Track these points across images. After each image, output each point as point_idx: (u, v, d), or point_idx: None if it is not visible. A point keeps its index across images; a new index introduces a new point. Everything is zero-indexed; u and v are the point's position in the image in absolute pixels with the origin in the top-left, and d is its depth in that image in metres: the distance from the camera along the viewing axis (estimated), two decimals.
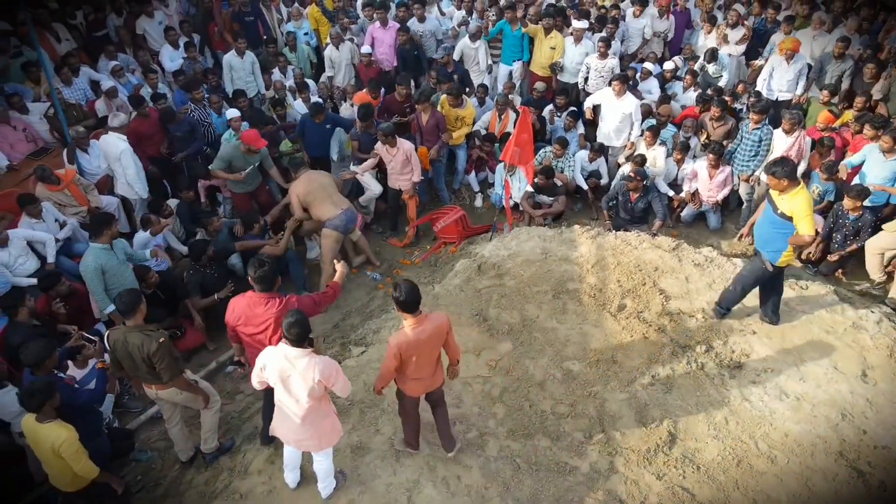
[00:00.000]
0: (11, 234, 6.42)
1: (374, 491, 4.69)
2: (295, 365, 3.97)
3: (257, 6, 10.04)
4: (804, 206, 5.03)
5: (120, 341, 4.54)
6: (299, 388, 4.02)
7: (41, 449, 4.23)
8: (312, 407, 4.09)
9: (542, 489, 4.72)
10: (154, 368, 4.54)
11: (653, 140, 7.78)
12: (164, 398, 4.86)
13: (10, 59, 8.79)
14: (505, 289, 6.31)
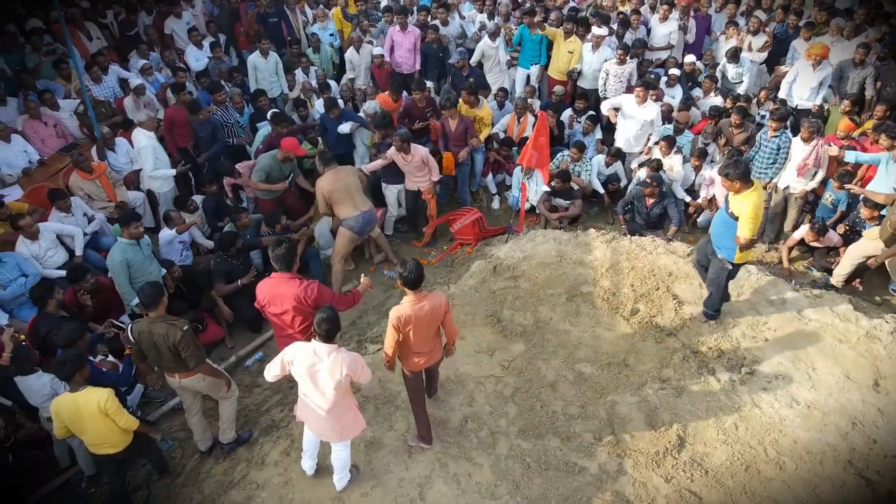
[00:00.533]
0: (42, 227, 6.64)
1: (387, 485, 4.81)
2: (323, 360, 4.15)
3: (282, 8, 10.21)
4: (750, 209, 5.16)
5: (145, 332, 4.71)
6: (326, 382, 4.19)
7: (86, 415, 4.45)
8: (338, 400, 4.26)
9: (551, 488, 4.80)
10: (179, 357, 4.71)
11: (668, 150, 7.82)
12: (186, 387, 5.02)
13: (43, 57, 9.06)
14: (519, 290, 6.40)
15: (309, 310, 4.72)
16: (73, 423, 4.51)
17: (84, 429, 4.53)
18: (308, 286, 4.69)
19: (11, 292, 6.23)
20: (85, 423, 4.48)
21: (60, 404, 4.50)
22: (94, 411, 4.43)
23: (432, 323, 4.57)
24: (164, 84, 9.22)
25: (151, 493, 5.32)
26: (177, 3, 10.06)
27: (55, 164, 7.92)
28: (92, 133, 8.26)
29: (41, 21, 9.62)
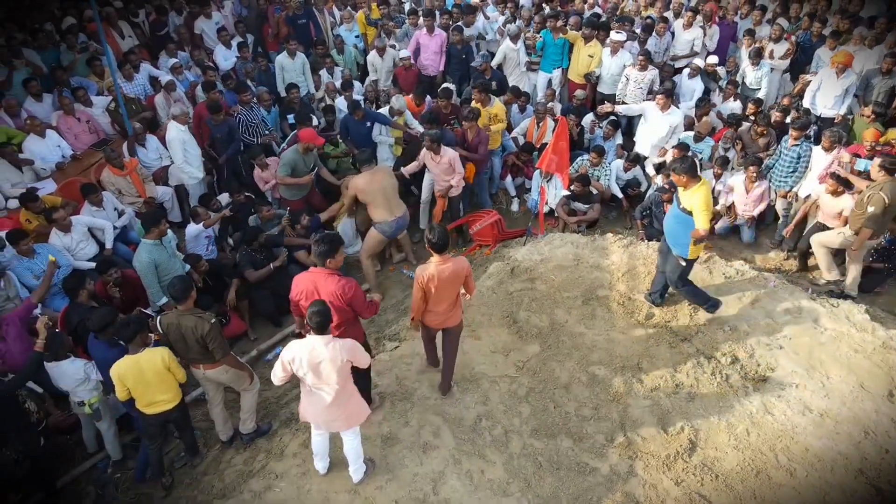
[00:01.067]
0: (74, 220, 6.87)
1: (401, 479, 4.93)
2: (322, 351, 4.28)
3: (310, 9, 10.40)
4: (701, 202, 5.36)
5: (173, 324, 4.89)
6: (329, 372, 4.32)
7: (150, 373, 4.79)
8: (342, 387, 4.40)
9: (562, 487, 4.89)
10: (205, 349, 4.90)
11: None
12: (211, 378, 5.20)
13: (77, 54, 9.34)
14: (536, 292, 6.49)
15: (344, 307, 4.77)
16: (136, 384, 4.79)
17: (147, 388, 4.82)
18: (346, 284, 4.75)
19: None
20: (149, 381, 4.80)
21: (123, 367, 4.77)
22: (158, 368, 4.79)
23: (453, 283, 4.95)
24: (194, 83, 9.44)
25: (175, 479, 5.50)
26: (207, 4, 10.30)
27: (87, 159, 8.17)
28: (123, 129, 8.50)
29: (75, 19, 9.92)
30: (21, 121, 8.11)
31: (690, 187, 5.48)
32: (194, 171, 8.17)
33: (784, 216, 7.76)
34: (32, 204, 6.86)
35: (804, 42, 9.28)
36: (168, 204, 8.21)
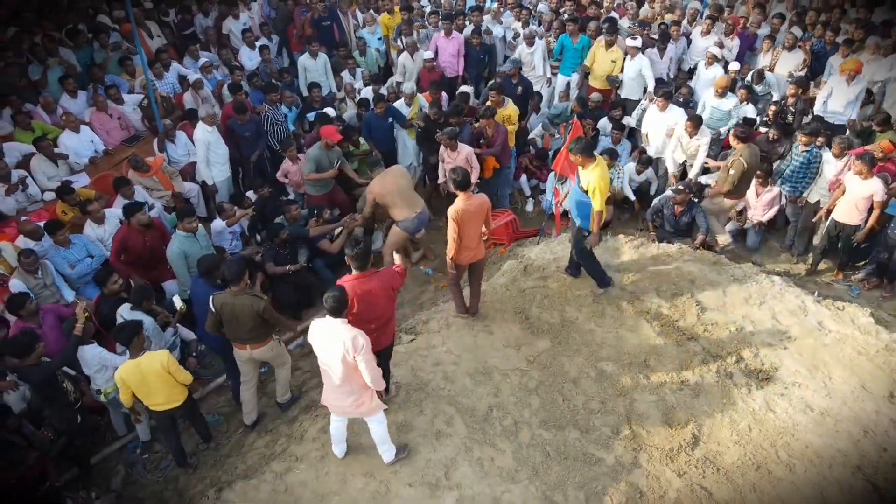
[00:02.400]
0: (107, 213, 7.20)
1: (415, 465, 5.17)
2: (332, 333, 4.50)
3: (335, 11, 10.68)
4: (596, 179, 5.78)
5: (227, 304, 5.22)
6: (337, 354, 4.51)
7: (151, 377, 5.04)
8: (349, 372, 4.58)
9: (568, 476, 5.11)
10: (257, 328, 5.31)
11: (694, 130, 8.01)
12: (256, 357, 5.57)
13: (109, 53, 9.68)
14: (548, 290, 6.70)
15: (394, 295, 5.12)
16: (139, 387, 5.05)
17: (149, 390, 5.08)
18: (391, 274, 5.07)
19: (79, 271, 6.80)
20: (150, 384, 5.04)
21: (125, 371, 5.02)
22: (158, 371, 5.01)
23: (479, 217, 5.73)
24: (221, 82, 9.75)
25: (200, 461, 5.80)
26: (235, 5, 10.62)
27: (119, 154, 8.51)
28: (153, 126, 8.82)
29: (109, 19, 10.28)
30: (57, 117, 8.48)
31: (587, 167, 5.87)
32: (216, 172, 8.45)
33: (794, 221, 7.90)
34: (68, 196, 7.19)
35: (818, 50, 9.39)
36: (194, 199, 8.52)
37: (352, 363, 4.52)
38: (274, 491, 5.10)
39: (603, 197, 5.88)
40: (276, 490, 5.11)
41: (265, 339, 5.46)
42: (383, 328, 5.10)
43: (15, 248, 6.63)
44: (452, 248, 5.83)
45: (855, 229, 7.14)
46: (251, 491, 5.13)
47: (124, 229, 6.83)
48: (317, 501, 4.98)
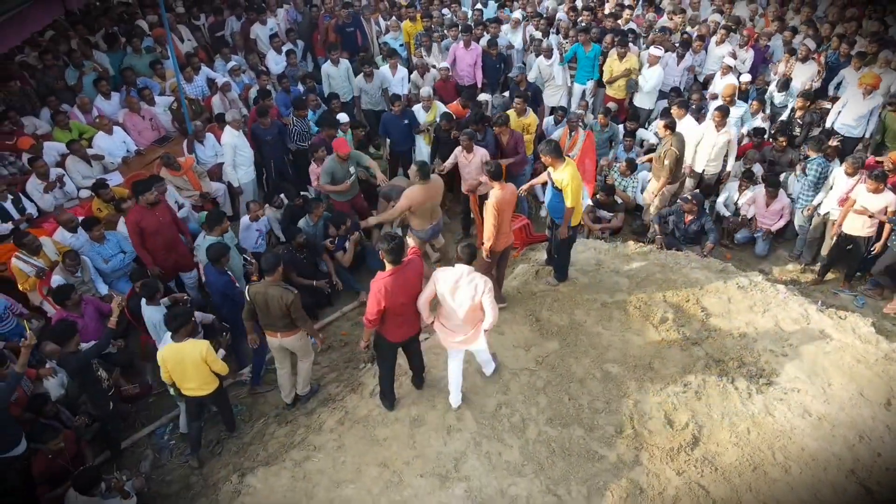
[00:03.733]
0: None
1: (427, 457, 5.46)
2: (462, 278, 5.14)
3: (358, 18, 11.01)
4: (567, 177, 6.14)
5: (260, 293, 5.57)
6: (465, 295, 5.13)
7: (189, 362, 5.39)
8: (474, 310, 5.23)
9: (572, 472, 5.35)
10: (286, 317, 5.61)
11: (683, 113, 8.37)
12: (285, 345, 5.94)
13: (141, 57, 10.09)
14: (558, 293, 6.95)
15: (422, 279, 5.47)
16: (174, 368, 5.42)
17: (184, 374, 5.44)
18: (416, 261, 5.42)
19: (112, 266, 7.19)
20: (186, 369, 5.40)
21: (167, 353, 5.40)
22: (196, 359, 5.37)
23: (512, 204, 6.21)
24: (248, 85, 10.12)
25: (224, 447, 6.14)
26: (263, 11, 10.99)
27: (150, 154, 8.91)
28: (182, 127, 9.20)
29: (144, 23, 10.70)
30: (91, 117, 8.89)
31: (558, 167, 6.21)
32: (241, 173, 8.76)
33: (802, 232, 8.06)
34: (103, 191, 7.58)
35: (832, 62, 9.54)
36: (221, 199, 8.89)
37: (477, 303, 5.17)
38: (293, 477, 5.42)
39: (575, 195, 6.21)
40: (294, 477, 5.43)
41: (295, 329, 5.80)
42: (417, 314, 5.48)
43: (55, 244, 7.01)
44: (491, 237, 6.11)
45: (867, 240, 7.30)
46: (272, 477, 5.45)
47: (135, 211, 7.00)
48: (333, 488, 5.29)
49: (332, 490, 5.27)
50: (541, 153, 6.34)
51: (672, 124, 7.67)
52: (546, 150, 6.25)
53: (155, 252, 7.02)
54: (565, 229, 6.48)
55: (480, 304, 5.19)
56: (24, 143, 7.97)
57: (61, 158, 8.24)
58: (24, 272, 6.80)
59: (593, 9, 11.08)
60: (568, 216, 6.37)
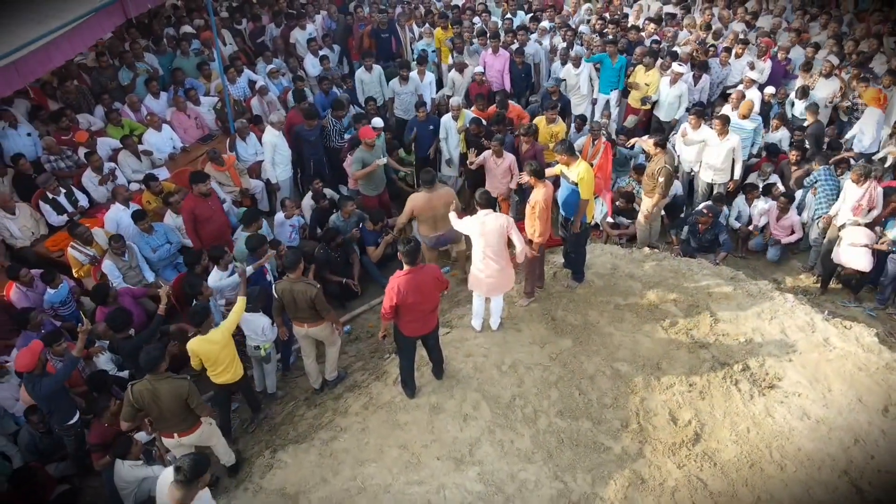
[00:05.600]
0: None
1: (443, 441, 5.88)
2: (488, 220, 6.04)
3: (393, 25, 11.49)
4: (582, 172, 6.58)
5: (287, 290, 6.04)
6: (492, 229, 5.98)
7: (220, 349, 5.80)
8: (502, 246, 6.12)
9: (579, 461, 5.73)
10: (312, 309, 6.05)
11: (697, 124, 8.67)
12: (311, 335, 6.39)
13: (187, 59, 10.69)
14: (573, 295, 7.32)
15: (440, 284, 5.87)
16: (207, 357, 5.84)
17: (217, 360, 5.87)
18: (434, 267, 6.00)
19: (159, 255, 7.76)
20: (218, 355, 5.82)
21: (196, 344, 5.82)
22: (227, 343, 5.82)
23: (550, 201, 6.53)
24: (286, 88, 10.65)
25: (258, 426, 6.65)
26: (302, 17, 11.53)
27: (194, 151, 9.49)
28: (225, 126, 9.76)
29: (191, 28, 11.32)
30: (141, 115, 9.50)
31: (572, 164, 6.67)
32: (279, 171, 9.26)
33: (815, 245, 8.29)
34: (153, 184, 8.17)
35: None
36: (259, 195, 9.43)
37: (505, 237, 6.11)
38: (320, 455, 5.88)
39: (589, 187, 6.64)
40: (322, 454, 5.89)
41: (320, 320, 6.26)
42: (433, 312, 5.95)
43: (107, 234, 7.60)
44: (542, 232, 6.60)
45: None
46: (301, 453, 5.93)
47: (190, 199, 7.61)
48: (356, 466, 5.74)
49: (356, 468, 5.72)
50: (556, 153, 6.82)
51: (662, 142, 7.88)
52: (561, 150, 6.74)
53: (205, 238, 7.56)
54: (578, 223, 6.87)
55: (508, 237, 6.07)
56: (80, 137, 8.60)
57: (113, 153, 8.85)
58: (79, 260, 7.39)
59: (618, 21, 11.38)
60: (582, 209, 6.77)
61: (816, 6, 11.71)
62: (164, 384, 5.15)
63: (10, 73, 5.86)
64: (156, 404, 5.16)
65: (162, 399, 5.14)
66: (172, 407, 5.18)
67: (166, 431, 5.42)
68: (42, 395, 5.66)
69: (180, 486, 3.92)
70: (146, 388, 5.14)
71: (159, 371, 5.17)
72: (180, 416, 5.28)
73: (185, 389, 5.22)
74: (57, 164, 8.40)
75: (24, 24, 6.39)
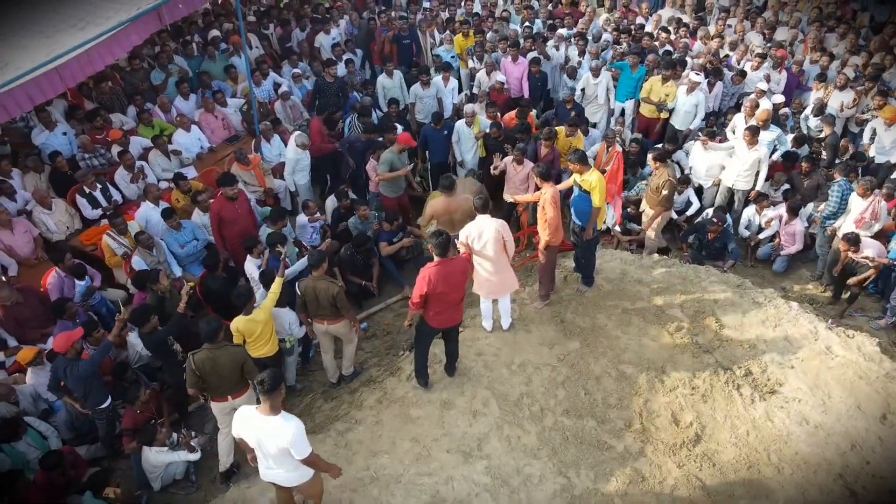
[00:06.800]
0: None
1: (453, 436, 6.15)
2: (485, 223, 6.22)
3: (415, 30, 11.79)
4: (595, 180, 6.83)
5: (310, 287, 6.37)
6: (492, 237, 6.14)
7: (262, 325, 6.27)
8: (499, 250, 6.26)
9: (582, 458, 5.98)
10: (333, 307, 6.37)
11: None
12: (331, 331, 6.70)
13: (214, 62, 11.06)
14: (583, 298, 7.55)
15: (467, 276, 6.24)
16: (250, 333, 6.29)
17: (260, 335, 6.32)
18: (463, 259, 6.27)
19: (186, 251, 8.12)
20: (261, 331, 6.30)
21: (241, 323, 6.27)
22: (268, 320, 6.32)
23: (558, 200, 6.78)
24: (309, 91, 10.98)
25: None
26: (327, 22, 11.87)
27: (221, 151, 9.85)
28: (251, 128, 10.12)
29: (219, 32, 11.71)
30: (171, 116, 9.88)
31: (585, 173, 6.91)
32: (297, 177, 9.56)
33: (822, 254, 8.45)
34: (182, 182, 8.54)
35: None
36: (282, 195, 9.77)
37: (501, 241, 6.24)
38: (336, 445, 6.19)
39: (602, 195, 6.89)
40: (337, 444, 6.19)
41: (340, 317, 6.56)
42: (459, 305, 6.19)
43: (140, 227, 7.97)
44: (554, 233, 6.80)
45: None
46: (318, 443, 6.21)
47: (217, 200, 7.96)
48: (370, 457, 6.03)
49: (370, 458, 6.01)
50: (569, 162, 7.04)
51: (661, 156, 8.01)
52: (574, 159, 6.97)
53: (229, 239, 7.91)
54: (591, 230, 7.11)
55: (503, 239, 6.23)
56: (115, 135, 9.01)
57: (144, 152, 9.24)
58: (112, 248, 7.78)
59: (631, 30, 11.59)
60: (594, 216, 7.00)
61: (833, 19, 11.78)
62: (222, 352, 5.71)
63: (54, 77, 6.24)
64: (215, 371, 5.69)
65: (221, 366, 5.69)
66: (230, 372, 5.74)
67: (221, 396, 5.93)
68: (77, 378, 6.04)
69: (265, 395, 4.50)
70: (206, 356, 5.67)
71: (217, 340, 5.69)
72: (236, 379, 5.83)
73: (243, 355, 5.86)
74: (91, 161, 8.80)
75: (66, 31, 6.78)
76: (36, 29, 7.02)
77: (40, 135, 8.77)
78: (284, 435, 4.54)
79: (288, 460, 4.71)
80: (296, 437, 4.54)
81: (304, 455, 4.62)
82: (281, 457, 4.69)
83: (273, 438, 4.60)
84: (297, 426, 4.58)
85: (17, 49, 6.50)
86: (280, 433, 4.55)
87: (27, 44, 6.63)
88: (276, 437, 4.58)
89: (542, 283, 7.39)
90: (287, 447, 4.56)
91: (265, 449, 4.70)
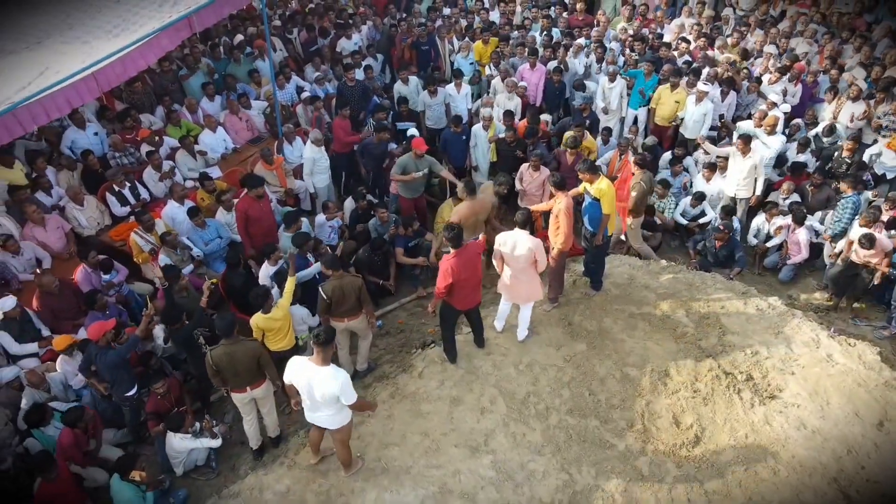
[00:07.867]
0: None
1: (461, 431, 6.42)
2: (519, 237, 6.46)
3: (433, 37, 12.07)
4: (605, 188, 7.09)
5: (336, 287, 6.62)
6: (523, 249, 6.43)
7: (279, 324, 6.69)
8: (529, 264, 6.54)
9: (585, 456, 6.22)
10: (357, 301, 6.68)
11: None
12: (350, 327, 6.96)
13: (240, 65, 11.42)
14: (591, 302, 7.78)
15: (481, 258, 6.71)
16: (269, 329, 6.69)
17: (278, 330, 6.72)
18: (476, 244, 6.65)
19: (210, 249, 8.46)
20: (280, 327, 6.68)
21: (261, 321, 6.64)
22: (286, 316, 6.70)
23: (571, 210, 6.98)
24: (329, 95, 11.29)
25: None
26: (349, 27, 12.20)
27: (244, 152, 10.19)
28: (274, 130, 10.45)
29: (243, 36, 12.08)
30: (198, 117, 10.25)
31: (594, 181, 7.16)
32: (316, 179, 9.84)
33: (830, 263, 8.58)
34: (208, 182, 8.89)
35: None
36: (303, 195, 10.10)
37: (532, 257, 6.50)
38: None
39: (611, 202, 7.13)
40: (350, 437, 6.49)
41: (358, 313, 6.85)
42: (478, 286, 6.70)
43: (166, 226, 8.33)
44: (566, 240, 7.04)
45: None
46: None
47: (244, 199, 8.24)
48: (381, 448, 6.32)
49: (381, 450, 6.30)
50: (578, 171, 7.31)
51: (641, 162, 8.15)
52: (583, 168, 7.25)
53: (254, 237, 8.24)
54: (601, 236, 7.34)
55: (535, 257, 6.48)
56: (144, 134, 9.39)
57: (171, 152, 9.60)
58: (140, 246, 8.13)
59: (644, 38, 11.78)
60: (604, 223, 7.24)
61: (847, 30, 11.87)
62: (238, 347, 5.99)
63: (90, 82, 6.60)
64: (232, 365, 5.99)
65: (238, 360, 5.97)
66: (247, 365, 6.03)
67: (240, 388, 6.21)
68: (106, 365, 6.41)
69: (320, 346, 5.19)
70: (224, 352, 5.96)
71: (232, 335, 5.97)
72: (253, 372, 6.11)
73: (258, 349, 6.15)
74: (121, 160, 9.18)
75: (102, 37, 7.14)
76: (73, 35, 7.39)
77: (70, 134, 9.13)
78: (335, 382, 5.22)
79: (332, 405, 5.39)
80: (345, 386, 5.25)
81: (351, 400, 5.35)
82: (327, 402, 5.35)
83: (322, 385, 5.25)
84: (346, 376, 5.29)
85: (56, 55, 6.86)
86: (331, 381, 5.23)
87: (66, 49, 6.99)
88: (326, 385, 5.24)
89: (551, 286, 7.63)
90: (337, 393, 5.24)
91: (314, 394, 5.34)
